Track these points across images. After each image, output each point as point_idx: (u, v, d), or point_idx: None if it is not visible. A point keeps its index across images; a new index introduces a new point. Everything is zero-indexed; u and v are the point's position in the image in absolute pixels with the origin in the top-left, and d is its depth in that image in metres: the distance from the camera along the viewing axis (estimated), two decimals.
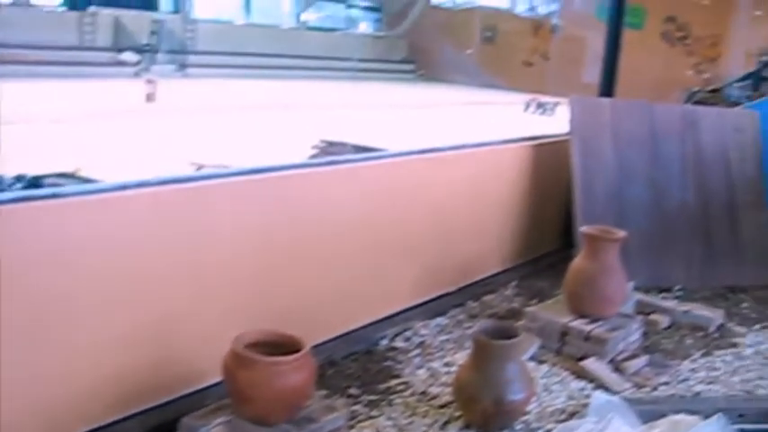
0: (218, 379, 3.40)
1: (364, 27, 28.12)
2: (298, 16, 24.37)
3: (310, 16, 24.68)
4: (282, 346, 3.34)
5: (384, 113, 12.93)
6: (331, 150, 8.24)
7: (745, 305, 6.10)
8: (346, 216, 4.51)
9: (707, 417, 3.53)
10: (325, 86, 16.25)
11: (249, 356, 3.22)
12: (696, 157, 6.47)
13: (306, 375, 3.31)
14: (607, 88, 7.59)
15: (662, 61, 24.60)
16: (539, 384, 4.36)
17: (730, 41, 23.50)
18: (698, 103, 8.43)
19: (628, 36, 22.47)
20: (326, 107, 11.91)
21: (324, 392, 3.96)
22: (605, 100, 6.59)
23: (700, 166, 6.47)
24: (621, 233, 4.83)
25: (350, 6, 26.94)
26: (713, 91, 8.97)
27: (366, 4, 28.01)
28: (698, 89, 9.21)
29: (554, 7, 27.45)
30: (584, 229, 4.92)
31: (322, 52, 20.78)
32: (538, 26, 27.58)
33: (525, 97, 20.79)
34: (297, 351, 3.27)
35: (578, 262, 4.82)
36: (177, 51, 16.03)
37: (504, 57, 26.21)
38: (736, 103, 7.73)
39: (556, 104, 12.11)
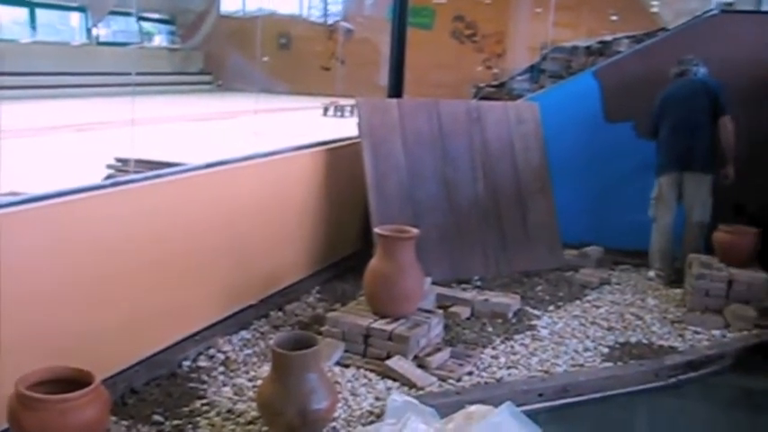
0: (4, 426, 3.19)
1: (159, 41, 27.53)
2: (88, 32, 23.53)
3: (101, 31, 23.89)
4: (73, 381, 3.18)
5: (183, 126, 12.69)
6: (124, 169, 8.00)
7: (539, 288, 6.39)
8: (135, 236, 4.34)
9: (502, 402, 3.62)
10: (121, 103, 15.72)
11: (34, 397, 3.04)
12: (483, 150, 6.69)
13: (98, 409, 3.16)
14: (396, 89, 7.72)
15: (454, 59, 25.53)
16: (345, 388, 4.37)
17: (514, 37, 24.71)
18: (484, 98, 8.71)
19: (419, 36, 23.12)
20: (122, 124, 11.51)
21: (127, 423, 3.82)
22: (392, 101, 6.67)
23: (488, 160, 6.70)
24: (414, 231, 4.91)
25: (142, 20, 26.26)
26: (498, 86, 9.31)
27: (158, 16, 27.41)
28: (484, 85, 9.53)
29: (346, 11, 27.86)
30: (377, 229, 4.97)
31: (116, 68, 20.19)
32: (333, 31, 27.92)
33: (324, 101, 20.98)
34: (88, 385, 3.12)
35: (374, 263, 4.86)
36: None
37: (301, 62, 26.39)
38: (519, 96, 8.07)
39: (354, 107, 12.24)
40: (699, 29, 7.21)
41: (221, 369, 4.58)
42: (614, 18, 20.71)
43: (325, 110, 19.41)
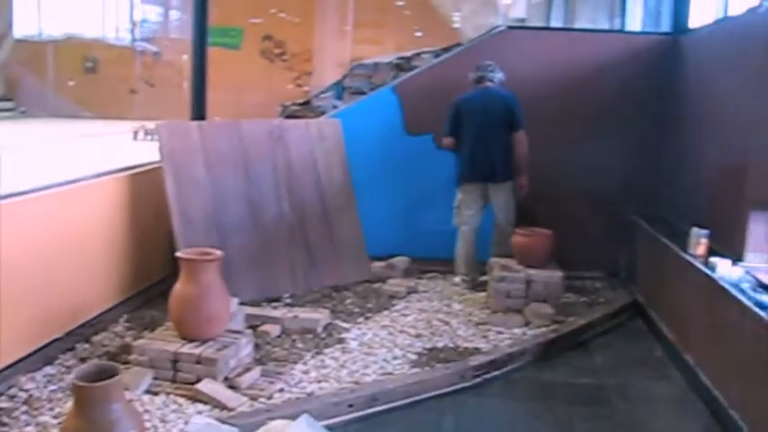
0: None
1: None
2: None
3: None
4: None
5: None
6: None
7: (348, 301, 6.50)
8: None
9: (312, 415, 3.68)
10: None
11: None
12: (287, 169, 6.74)
13: None
14: (199, 110, 7.67)
15: (265, 78, 25.49)
16: (155, 416, 4.31)
17: (322, 55, 24.96)
18: (290, 116, 8.77)
19: (229, 56, 22.92)
20: None
21: None
22: (192, 124, 6.62)
23: (292, 178, 6.76)
24: (217, 253, 4.90)
25: None
26: (303, 103, 9.38)
27: None
28: (290, 103, 9.58)
29: (153, 33, 27.29)
30: (178, 253, 4.93)
31: None
32: (141, 53, 27.26)
33: (134, 125, 20.45)
34: None
35: (178, 287, 4.82)
36: None
37: (109, 86, 25.63)
38: (323, 113, 8.18)
39: None
40: (487, 44, 7.57)
41: (24, 408, 4.40)
42: (419, 34, 21.27)
43: (135, 134, 18.94)
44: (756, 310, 4.25)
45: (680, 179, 6.97)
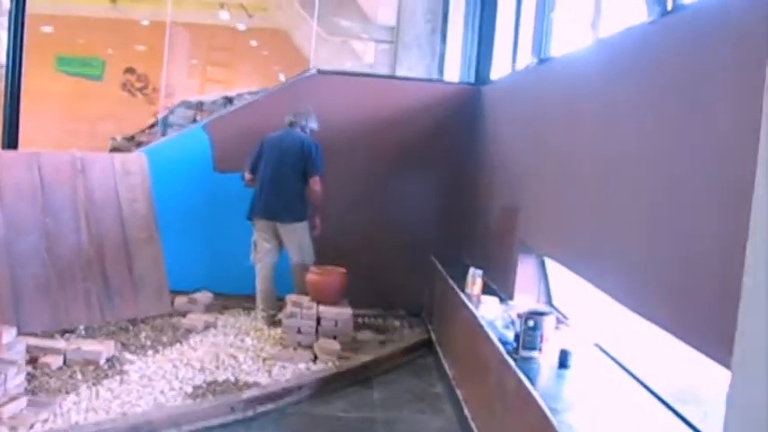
0: None
1: None
2: None
3: None
4: None
5: None
6: None
7: (143, 335, 6.54)
8: None
9: None
10: None
11: None
12: (88, 200, 6.77)
13: None
14: (9, 139, 7.64)
15: (126, 110, 25.14)
16: None
17: (182, 91, 24.88)
18: (115, 149, 8.82)
19: (89, 87, 22.43)
20: None
21: None
22: None
23: (92, 210, 6.78)
24: None
25: None
26: (129, 138, 9.44)
27: None
28: (117, 137, 9.63)
29: None
30: None
31: None
32: None
33: None
34: None
35: None
36: None
37: None
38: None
39: None
40: (300, 86, 7.84)
41: None
42: (282, 76, 21.44)
43: None
44: (498, 345, 4.56)
45: (475, 222, 7.36)
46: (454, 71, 9.38)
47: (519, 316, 4.43)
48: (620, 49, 4.18)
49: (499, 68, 7.56)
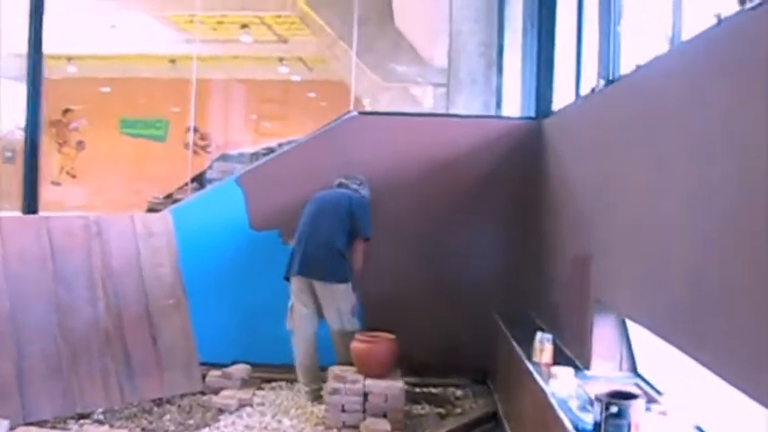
0: None
1: None
2: None
3: None
4: None
5: None
6: None
7: (167, 417, 5.78)
8: None
9: None
10: None
11: None
12: (105, 267, 6.07)
13: None
14: (30, 203, 7.08)
15: (189, 168, 25.02)
16: None
17: (242, 147, 24.69)
18: (151, 210, 8.19)
19: (154, 147, 22.85)
20: None
21: None
22: None
23: (110, 277, 6.08)
24: None
25: None
26: (166, 197, 8.86)
27: None
28: (159, 196, 9.05)
29: (78, 123, 26.75)
30: None
31: None
32: (63, 142, 26.66)
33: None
34: None
35: None
36: None
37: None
38: None
39: None
40: (339, 130, 7.06)
41: None
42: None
43: None
44: None
45: (541, 274, 6.45)
46: (514, 106, 8.53)
47: (598, 399, 3.49)
48: (713, 47, 3.26)
49: (562, 98, 6.65)
